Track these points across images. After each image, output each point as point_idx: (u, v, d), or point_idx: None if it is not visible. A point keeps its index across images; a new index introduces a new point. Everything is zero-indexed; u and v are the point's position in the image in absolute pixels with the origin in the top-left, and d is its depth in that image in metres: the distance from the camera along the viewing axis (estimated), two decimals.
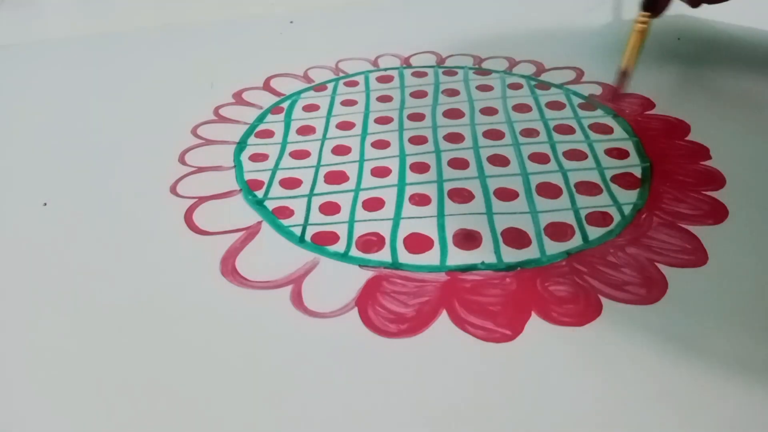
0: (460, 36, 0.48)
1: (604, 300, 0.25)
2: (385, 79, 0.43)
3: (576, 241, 0.28)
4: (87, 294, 0.27)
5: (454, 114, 0.38)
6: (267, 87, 0.43)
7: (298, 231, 0.30)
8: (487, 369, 0.23)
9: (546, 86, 0.41)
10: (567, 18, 0.51)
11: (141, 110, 0.41)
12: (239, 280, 0.27)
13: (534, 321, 0.24)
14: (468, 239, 0.29)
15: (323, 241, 0.29)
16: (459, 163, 0.34)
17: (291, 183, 0.33)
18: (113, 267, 0.28)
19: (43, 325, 0.26)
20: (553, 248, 0.28)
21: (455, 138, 0.36)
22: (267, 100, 0.41)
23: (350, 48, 0.47)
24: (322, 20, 0.54)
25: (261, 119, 0.39)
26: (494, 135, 0.36)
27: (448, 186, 0.32)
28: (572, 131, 0.36)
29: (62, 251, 0.29)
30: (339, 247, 0.29)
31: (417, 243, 0.28)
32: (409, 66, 0.44)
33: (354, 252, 0.28)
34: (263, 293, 0.26)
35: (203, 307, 0.26)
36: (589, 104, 0.39)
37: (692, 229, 0.28)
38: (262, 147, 0.36)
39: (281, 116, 0.39)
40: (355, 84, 0.42)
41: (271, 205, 0.31)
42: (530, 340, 0.24)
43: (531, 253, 0.28)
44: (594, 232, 0.29)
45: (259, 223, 0.30)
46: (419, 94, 0.41)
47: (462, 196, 0.31)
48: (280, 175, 0.34)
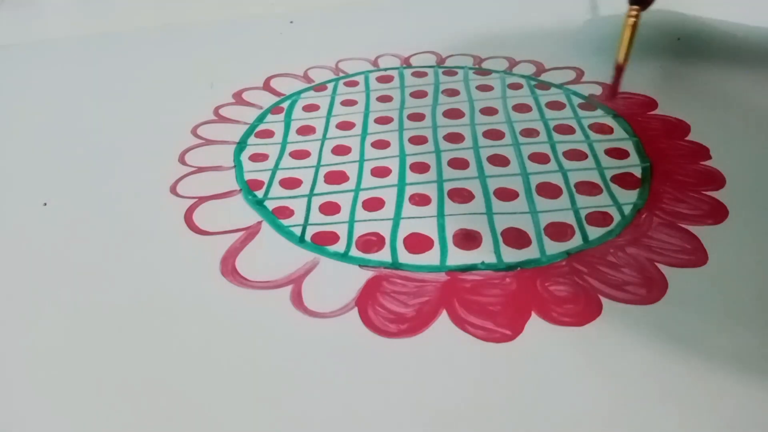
0: (460, 36, 0.48)
1: (604, 300, 0.25)
2: (385, 79, 0.43)
3: (576, 241, 0.28)
4: (87, 294, 0.27)
5: (454, 114, 0.38)
6: (267, 87, 0.43)
7: (298, 231, 0.30)
8: (487, 369, 0.23)
9: (546, 86, 0.41)
10: (567, 18, 0.51)
11: (141, 110, 0.41)
12: (239, 280, 0.27)
13: (534, 321, 0.24)
14: (468, 239, 0.29)
15: (323, 241, 0.29)
16: (459, 163, 0.34)
17: (291, 183, 0.33)
18: (113, 267, 0.28)
19: (43, 325, 0.26)
20: (553, 248, 0.28)
21: (455, 138, 0.36)
22: (267, 100, 0.41)
23: (350, 48, 0.47)
24: (322, 20, 0.53)
25: (261, 119, 0.39)
26: (494, 135, 0.36)
27: (448, 186, 0.32)
28: (572, 131, 0.36)
29: (62, 251, 0.29)
30: (339, 247, 0.29)
31: (417, 243, 0.29)
32: (409, 66, 0.44)
33: (354, 252, 0.28)
34: (263, 293, 0.26)
35: (203, 307, 0.26)
36: (589, 104, 0.39)
37: (692, 229, 0.28)
38: (262, 147, 0.36)
39: (281, 116, 0.39)
40: (355, 84, 0.42)
41: (271, 205, 0.31)
42: (530, 340, 0.24)
43: (531, 253, 0.28)
44: (594, 232, 0.29)
45: (259, 223, 0.30)
46: (419, 94, 0.41)
47: (462, 196, 0.31)
48: (280, 175, 0.34)
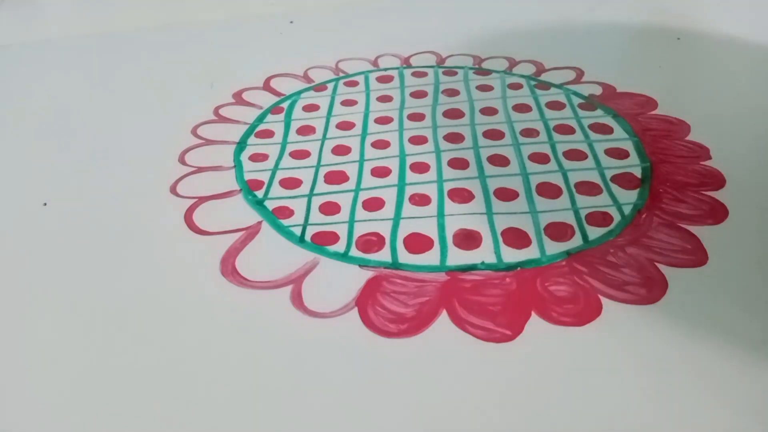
0: (460, 36, 0.48)
1: (604, 300, 0.25)
2: (385, 79, 0.43)
3: (576, 241, 0.28)
4: (87, 294, 0.27)
5: (454, 114, 0.38)
6: (267, 87, 0.43)
7: (298, 231, 0.30)
8: (487, 369, 0.23)
9: (546, 86, 0.41)
10: (567, 18, 0.51)
11: (141, 110, 0.41)
12: (239, 280, 0.27)
13: (534, 321, 0.24)
14: (468, 239, 0.29)
15: (323, 241, 0.29)
16: (459, 163, 0.34)
17: (291, 183, 0.33)
18: (113, 267, 0.28)
19: (43, 325, 0.26)
20: (553, 248, 0.28)
21: (455, 138, 0.36)
22: (267, 100, 0.41)
23: (350, 48, 0.47)
24: (322, 20, 0.53)
25: (261, 119, 0.39)
26: (494, 135, 0.36)
27: (448, 186, 0.32)
28: (572, 131, 0.36)
29: (62, 251, 0.29)
30: (339, 247, 0.29)
31: (417, 243, 0.28)
32: (409, 66, 0.44)
33: (354, 252, 0.28)
34: (263, 293, 0.26)
35: (203, 307, 0.26)
36: (589, 104, 0.39)
37: (692, 229, 0.28)
38: (262, 147, 0.36)
39: (281, 116, 0.39)
40: (355, 84, 0.42)
41: (271, 205, 0.31)
42: (530, 340, 0.24)
43: (531, 253, 0.28)
44: (594, 232, 0.29)
45: (259, 223, 0.30)
46: (419, 94, 0.41)
47: (462, 196, 0.31)
48: (280, 175, 0.34)
